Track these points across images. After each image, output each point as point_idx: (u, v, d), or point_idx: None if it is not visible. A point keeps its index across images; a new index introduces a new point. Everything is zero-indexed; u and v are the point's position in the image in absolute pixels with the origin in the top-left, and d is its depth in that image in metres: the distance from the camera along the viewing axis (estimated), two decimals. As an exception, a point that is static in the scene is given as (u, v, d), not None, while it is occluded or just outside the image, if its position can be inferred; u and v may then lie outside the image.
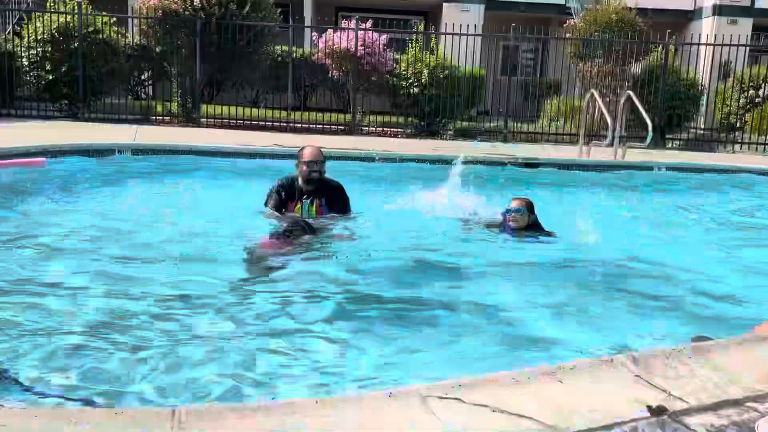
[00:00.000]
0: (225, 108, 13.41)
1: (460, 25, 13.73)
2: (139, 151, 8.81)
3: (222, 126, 12.79)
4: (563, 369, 2.08)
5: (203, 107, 13.37)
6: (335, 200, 5.53)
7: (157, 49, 13.18)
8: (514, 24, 13.75)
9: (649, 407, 1.86)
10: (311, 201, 5.41)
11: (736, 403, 1.93)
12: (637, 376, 2.08)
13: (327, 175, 5.52)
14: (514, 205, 5.31)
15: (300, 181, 5.43)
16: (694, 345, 2.38)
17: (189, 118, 13.02)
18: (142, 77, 15.03)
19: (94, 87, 12.54)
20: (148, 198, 6.95)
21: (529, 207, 5.35)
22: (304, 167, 5.36)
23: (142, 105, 13.85)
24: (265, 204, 5.46)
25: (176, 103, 13.56)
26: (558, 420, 1.77)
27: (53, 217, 5.82)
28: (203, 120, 12.95)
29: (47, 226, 5.44)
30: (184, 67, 13.16)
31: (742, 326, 3.20)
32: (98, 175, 7.78)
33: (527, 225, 5.31)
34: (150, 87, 15.40)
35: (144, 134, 10.44)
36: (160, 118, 13.11)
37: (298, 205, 5.40)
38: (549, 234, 5.36)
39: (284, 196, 5.39)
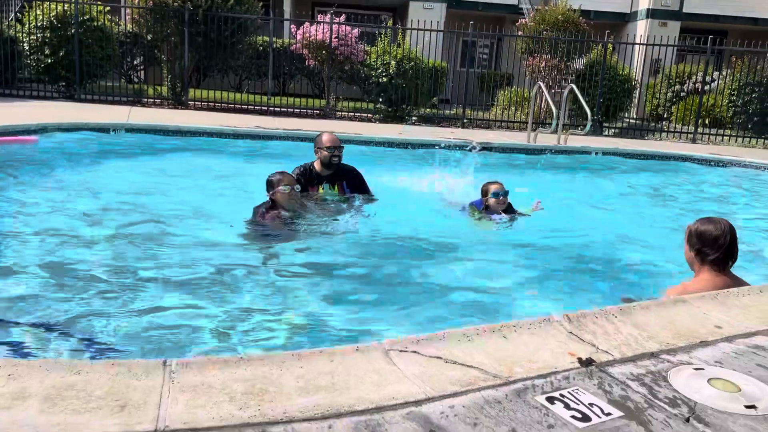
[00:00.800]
0: (211, 92, 13.21)
1: (424, 21, 13.66)
2: (132, 129, 8.64)
3: (208, 109, 12.59)
4: (507, 326, 2.13)
5: (191, 91, 13.15)
6: (355, 182, 5.20)
7: (148, 37, 12.88)
8: (472, 21, 13.71)
9: (579, 359, 1.93)
10: (332, 185, 5.07)
11: (652, 355, 2.00)
12: (570, 332, 2.14)
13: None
14: (500, 188, 5.05)
15: (318, 166, 5.07)
16: (621, 306, 2.45)
17: (178, 100, 12.79)
18: (134, 62, 14.70)
19: (90, 70, 12.24)
20: (141, 172, 6.84)
21: None
22: (326, 152, 4.97)
23: (134, 88, 13.58)
24: None
25: (166, 87, 13.31)
26: (501, 369, 1.83)
27: (54, 188, 5.71)
28: (191, 103, 12.74)
29: (49, 196, 5.35)
30: (173, 54, 12.89)
31: (660, 287, 3.31)
32: (95, 152, 7.63)
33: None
34: (141, 71, 15.08)
35: (137, 115, 10.24)
36: (152, 100, 12.87)
37: (321, 190, 5.04)
38: (521, 214, 5.19)
39: (303, 183, 4.94)
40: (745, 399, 1.74)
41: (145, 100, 12.82)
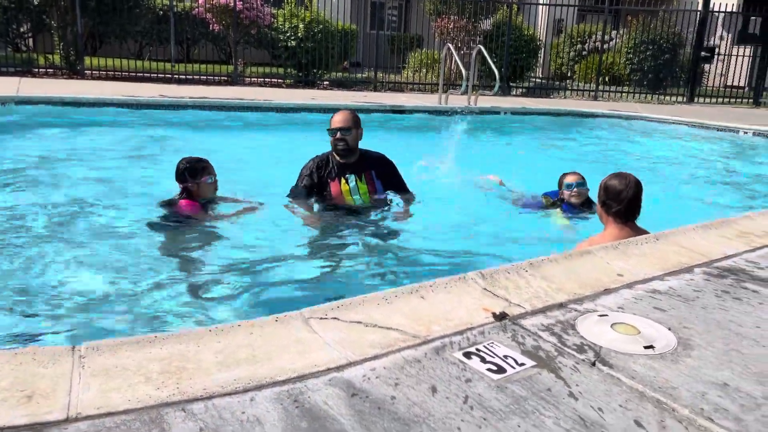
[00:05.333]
0: (109, 60, 12.47)
1: (332, -17, 13.42)
2: (23, 102, 8.04)
3: (107, 78, 11.91)
4: (424, 287, 2.17)
5: (87, 59, 12.35)
6: (386, 173, 4.28)
7: (35, 1, 11.93)
8: (379, -17, 13.59)
9: (493, 314, 2.00)
10: (359, 176, 4.18)
11: (561, 305, 2.11)
12: (484, 289, 2.21)
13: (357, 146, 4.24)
14: (575, 179, 4.49)
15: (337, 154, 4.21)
16: (531, 261, 2.55)
17: (73, 70, 12.00)
18: (21, 29, 13.59)
19: (-30, 39, 11.25)
20: (36, 148, 6.41)
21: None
22: (330, 136, 4.12)
23: (22, 57, 12.58)
24: (295, 186, 4.22)
25: (59, 55, 12.44)
26: (419, 329, 1.87)
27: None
28: (88, 72, 11.99)
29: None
30: (63, 20, 12.02)
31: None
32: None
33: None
34: (30, 39, 13.98)
35: (28, 86, 9.54)
36: (43, 70, 12.00)
37: (344, 183, 4.14)
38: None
39: (320, 176, 4.16)
40: (644, 340, 1.87)
41: (36, 70, 11.94)
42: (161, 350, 1.65)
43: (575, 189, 4.46)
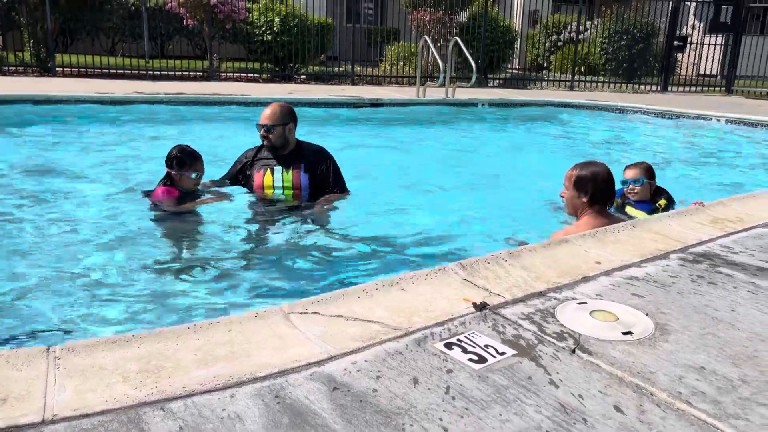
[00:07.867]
0: (81, 57, 12.25)
1: (306, -24, 13.30)
2: (-7, 102, 7.87)
3: (79, 75, 11.70)
4: (404, 279, 2.17)
5: (58, 56, 12.13)
6: (318, 167, 4.04)
7: (3, -1, 11.69)
8: (355, -25, 13.51)
9: (474, 304, 2.00)
10: (286, 169, 4.00)
11: (541, 294, 2.12)
12: (464, 279, 2.22)
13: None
14: (628, 175, 4.03)
15: None
16: (511, 250, 2.56)
17: (44, 67, 11.77)
18: (-10, 27, 13.32)
19: (-63, 37, 10.97)
20: (8, 147, 6.28)
21: (649, 173, 4.03)
22: (257, 130, 4.03)
23: (-8, 55, 12.32)
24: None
25: (29, 53, 12.19)
26: (401, 321, 1.87)
27: None
28: (59, 69, 11.77)
29: None
30: (33, 16, 11.78)
31: (546, 229, 3.49)
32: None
33: (651, 194, 4.05)
34: (-1, 37, 13.71)
35: (-3, 85, 9.33)
36: (13, 68, 11.76)
37: (268, 175, 4.00)
38: (669, 202, 4.05)
39: (246, 164, 4.11)
40: (622, 326, 1.89)
41: (6, 68, 11.70)
42: (139, 349, 1.63)
43: (630, 186, 4.02)
